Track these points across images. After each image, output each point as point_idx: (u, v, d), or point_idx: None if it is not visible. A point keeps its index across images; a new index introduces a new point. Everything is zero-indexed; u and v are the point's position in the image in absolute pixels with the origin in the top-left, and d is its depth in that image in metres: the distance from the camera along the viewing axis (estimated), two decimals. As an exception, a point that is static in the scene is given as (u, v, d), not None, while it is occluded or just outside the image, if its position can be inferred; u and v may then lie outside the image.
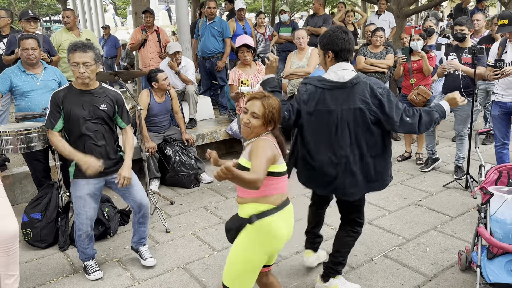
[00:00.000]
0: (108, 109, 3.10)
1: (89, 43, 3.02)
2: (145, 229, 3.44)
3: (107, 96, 3.13)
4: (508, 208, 2.65)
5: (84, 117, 3.02)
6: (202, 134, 5.67)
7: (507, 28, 3.99)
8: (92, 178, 3.07)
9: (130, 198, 3.28)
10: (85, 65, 2.95)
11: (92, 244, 3.28)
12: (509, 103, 4.19)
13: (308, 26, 7.70)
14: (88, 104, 3.04)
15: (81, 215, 3.11)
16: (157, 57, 6.67)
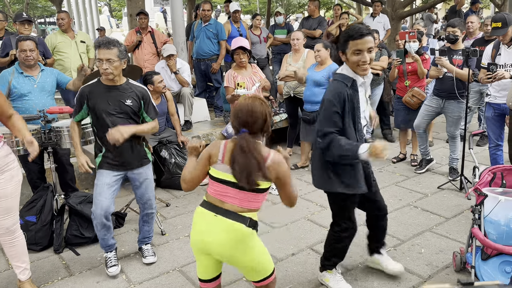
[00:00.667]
0: (133, 105, 3.18)
1: (114, 40, 3.07)
2: (149, 229, 3.54)
3: (134, 91, 3.20)
4: (501, 209, 2.67)
5: (109, 112, 3.11)
6: (198, 136, 5.67)
7: (501, 31, 4.03)
8: (115, 170, 3.21)
9: (138, 195, 3.41)
10: (108, 61, 3.01)
11: (110, 234, 3.32)
12: (502, 105, 4.22)
13: (303, 28, 7.72)
14: (113, 99, 3.12)
15: (96, 204, 3.17)
16: (152, 59, 6.67)
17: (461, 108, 4.80)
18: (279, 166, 2.13)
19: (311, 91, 5.11)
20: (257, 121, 2.14)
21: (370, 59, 2.56)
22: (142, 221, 3.51)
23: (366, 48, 2.51)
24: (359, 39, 2.51)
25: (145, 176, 3.36)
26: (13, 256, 2.98)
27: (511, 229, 2.63)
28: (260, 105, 2.16)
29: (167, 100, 5.03)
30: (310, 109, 5.17)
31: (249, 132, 2.14)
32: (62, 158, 4.27)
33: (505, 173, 2.95)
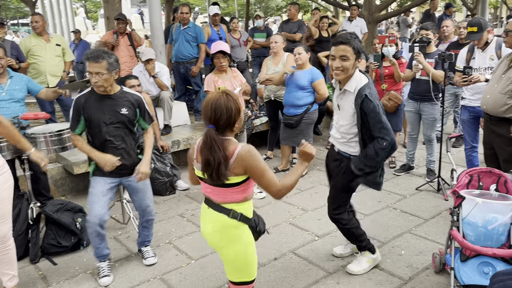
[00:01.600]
0: (129, 113, 3.17)
1: (103, 52, 3.03)
2: (149, 233, 3.57)
3: (128, 100, 3.19)
4: (479, 211, 2.73)
5: (105, 122, 3.10)
6: (178, 140, 5.61)
7: (476, 35, 4.11)
8: (109, 176, 3.18)
9: (136, 202, 3.39)
10: (97, 74, 2.99)
11: (104, 244, 3.29)
12: (477, 108, 4.31)
13: (283, 31, 7.74)
14: (109, 108, 3.11)
15: (92, 213, 3.13)
16: (129, 61, 6.59)
17: (436, 110, 4.89)
18: (247, 159, 2.12)
19: (293, 95, 5.11)
20: (222, 117, 2.11)
21: (343, 67, 2.75)
22: (141, 226, 3.53)
23: (338, 55, 2.74)
24: (334, 46, 2.77)
25: (142, 183, 3.33)
26: (5, 263, 2.95)
27: (488, 231, 2.69)
28: (226, 101, 2.12)
29: (146, 104, 4.94)
30: (292, 112, 5.16)
31: (215, 128, 2.13)
32: (35, 166, 4.14)
33: (482, 175, 3.01)
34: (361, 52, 2.78)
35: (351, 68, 2.76)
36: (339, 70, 2.75)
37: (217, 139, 2.11)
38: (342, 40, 2.71)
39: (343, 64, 2.73)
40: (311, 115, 5.19)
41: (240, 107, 2.18)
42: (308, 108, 5.12)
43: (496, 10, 25.22)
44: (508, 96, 3.40)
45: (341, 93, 2.92)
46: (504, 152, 3.54)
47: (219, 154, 2.09)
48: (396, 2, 17.20)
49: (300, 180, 5.18)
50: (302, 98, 5.07)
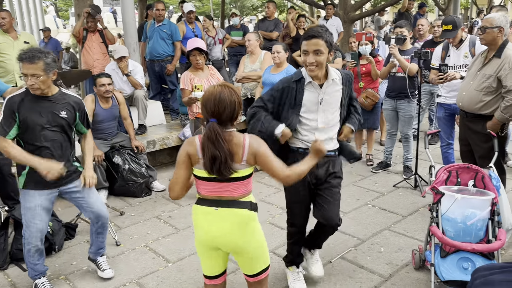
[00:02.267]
0: (68, 116, 2.95)
1: (39, 52, 2.78)
2: (104, 239, 3.32)
3: (68, 102, 2.97)
4: (458, 207, 2.74)
5: (42, 125, 2.84)
6: (153, 140, 5.48)
7: (451, 33, 4.15)
8: (44, 189, 2.92)
9: (87, 208, 3.13)
10: (34, 76, 2.74)
11: (42, 260, 3.08)
12: (453, 105, 4.36)
13: (260, 30, 7.69)
14: (46, 111, 2.87)
15: (30, 227, 2.92)
16: (101, 59, 6.42)
17: (412, 108, 4.93)
18: (258, 147, 2.14)
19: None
20: (226, 110, 2.09)
21: (317, 62, 2.60)
22: (95, 233, 3.25)
23: (311, 50, 2.59)
24: (306, 40, 2.60)
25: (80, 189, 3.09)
26: None
27: (467, 226, 2.70)
28: (229, 94, 2.10)
29: (119, 103, 4.82)
30: None
31: (218, 121, 2.10)
32: (2, 168, 3.97)
33: (460, 171, 3.03)
34: (333, 44, 2.67)
35: (324, 63, 2.64)
36: (313, 66, 2.60)
37: (222, 132, 2.07)
38: (314, 33, 2.57)
39: (317, 59, 2.59)
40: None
41: (241, 100, 2.17)
42: None
43: (466, 11, 25.88)
44: (484, 93, 3.44)
45: (326, 87, 2.73)
46: (480, 149, 3.58)
47: (225, 147, 2.06)
48: (370, 2, 17.43)
49: (279, 179, 5.14)
50: None
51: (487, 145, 3.46)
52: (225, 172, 2.08)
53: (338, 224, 2.92)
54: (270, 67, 5.16)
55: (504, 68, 3.31)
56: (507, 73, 3.29)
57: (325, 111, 2.77)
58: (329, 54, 2.65)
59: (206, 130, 2.09)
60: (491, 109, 3.45)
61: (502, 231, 2.68)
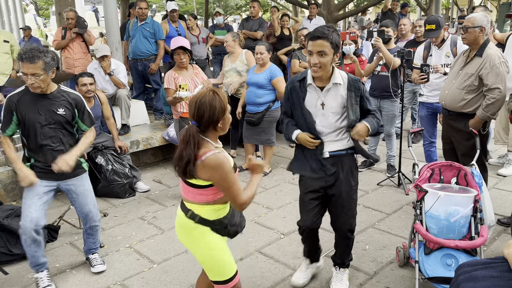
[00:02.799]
0: (66, 114, 2.97)
1: (38, 52, 2.80)
2: (94, 240, 3.37)
3: (66, 99, 2.99)
4: (441, 204, 2.77)
5: (40, 123, 2.90)
6: (137, 140, 5.42)
7: (435, 32, 4.20)
8: (45, 179, 2.99)
9: (78, 208, 3.21)
10: (34, 76, 2.78)
11: (41, 251, 3.06)
12: (435, 104, 4.42)
13: (244, 29, 7.68)
14: (44, 108, 2.91)
15: (25, 217, 2.94)
16: (82, 58, 6.33)
17: (395, 107, 4.98)
18: (212, 170, 2.08)
19: (253, 93, 5.07)
20: (205, 115, 2.09)
21: (321, 63, 2.55)
22: (86, 233, 3.34)
23: (315, 50, 2.55)
24: (311, 41, 2.57)
25: (81, 187, 3.15)
26: None
27: (451, 223, 2.73)
28: (211, 99, 2.10)
29: (102, 103, 4.75)
30: (254, 110, 5.13)
31: (198, 124, 2.11)
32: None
33: (443, 169, 3.07)
34: (339, 46, 2.60)
35: (329, 64, 2.59)
36: (317, 67, 2.56)
37: (195, 135, 2.08)
38: (319, 34, 2.52)
39: (321, 60, 2.54)
40: (273, 113, 5.16)
41: (225, 107, 2.14)
42: (269, 106, 5.10)
43: (447, 11, 26.29)
44: (466, 92, 3.49)
45: (326, 90, 2.69)
46: (463, 147, 3.63)
47: (191, 151, 2.06)
48: (353, 2, 17.56)
49: (264, 179, 5.14)
50: (263, 96, 5.05)
51: (469, 143, 3.51)
52: (182, 174, 2.12)
53: (348, 233, 2.89)
54: (254, 67, 5.18)
55: (485, 67, 3.36)
56: (488, 71, 3.35)
57: (324, 115, 2.72)
58: (334, 55, 2.60)
59: (184, 130, 2.13)
60: (473, 108, 3.50)
61: (485, 227, 2.72)
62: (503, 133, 5.03)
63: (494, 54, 3.37)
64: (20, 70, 2.82)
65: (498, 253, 3.33)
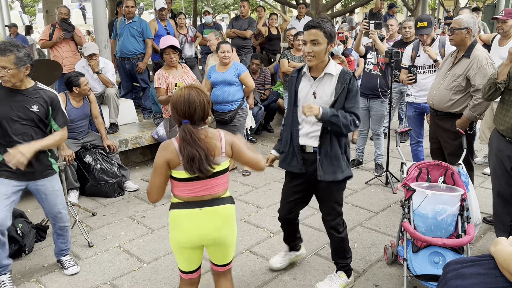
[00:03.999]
0: (40, 111, 2.91)
1: (12, 45, 2.76)
2: (65, 240, 3.32)
3: (41, 96, 2.94)
4: (429, 203, 2.81)
5: (11, 118, 2.85)
6: (126, 139, 5.39)
7: (427, 29, 4.25)
8: (15, 179, 2.93)
9: (46, 208, 3.15)
10: (4, 69, 2.75)
11: (5, 253, 2.99)
12: (422, 104, 4.48)
13: (233, 28, 7.68)
14: (17, 104, 2.86)
15: None
16: (71, 57, 6.26)
17: (384, 107, 5.04)
18: (231, 138, 2.28)
19: (224, 91, 5.02)
20: (196, 110, 2.15)
21: (314, 52, 2.62)
22: (56, 234, 3.27)
23: (309, 39, 2.63)
24: (305, 31, 2.65)
25: (51, 188, 3.09)
26: None
27: (438, 222, 2.77)
28: (197, 94, 2.17)
29: (90, 101, 4.71)
30: (226, 109, 5.09)
31: (190, 122, 2.17)
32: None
33: (430, 168, 3.11)
34: (333, 36, 2.65)
35: (323, 53, 2.63)
36: (311, 56, 2.64)
37: (195, 131, 2.14)
38: (313, 24, 2.61)
39: (314, 49, 2.61)
40: (244, 110, 5.21)
41: (209, 99, 2.23)
42: (241, 103, 5.12)
43: (434, 12, 26.58)
44: (453, 92, 3.55)
45: (318, 80, 2.73)
46: (450, 146, 3.69)
47: (202, 145, 2.12)
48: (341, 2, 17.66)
49: (254, 178, 5.15)
50: (234, 93, 5.04)
51: (456, 143, 3.57)
52: (207, 168, 2.13)
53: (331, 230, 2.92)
54: (214, 67, 5.13)
55: (473, 68, 3.42)
56: (476, 72, 3.41)
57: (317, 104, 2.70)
58: (329, 45, 2.65)
59: (180, 132, 2.14)
60: (460, 108, 3.56)
61: (471, 226, 2.77)
62: (488, 132, 5.11)
63: (481, 55, 3.43)
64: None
65: (484, 251, 3.40)
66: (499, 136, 3.10)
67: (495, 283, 1.77)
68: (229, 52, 4.98)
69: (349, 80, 2.68)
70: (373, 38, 4.71)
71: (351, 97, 2.70)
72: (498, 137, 3.12)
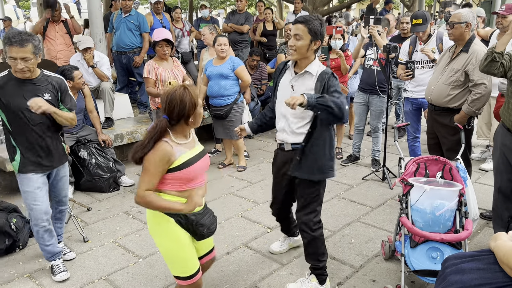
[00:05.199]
0: (52, 98, 2.92)
1: (27, 35, 2.74)
2: (62, 224, 3.38)
3: (50, 83, 2.94)
4: (427, 198, 2.79)
5: (27, 108, 2.80)
6: (121, 134, 5.34)
7: (422, 27, 4.23)
8: (39, 172, 2.98)
9: (55, 192, 3.20)
10: (24, 60, 2.72)
11: (54, 240, 3.13)
12: (420, 99, 4.46)
13: (230, 23, 7.62)
14: (30, 94, 2.83)
15: (34, 210, 2.97)
16: (66, 50, 6.19)
17: (383, 103, 5.02)
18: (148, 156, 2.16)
19: (218, 85, 4.98)
20: (175, 109, 2.15)
21: (295, 46, 2.67)
22: (54, 219, 3.30)
23: (292, 33, 2.69)
24: (293, 25, 2.73)
25: (63, 173, 3.18)
26: None
27: (436, 217, 2.76)
28: (182, 94, 2.16)
29: (85, 95, 4.67)
30: (221, 103, 5.04)
31: (169, 118, 2.18)
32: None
33: (428, 163, 3.09)
34: (318, 34, 2.66)
35: (304, 49, 2.65)
36: (292, 49, 2.69)
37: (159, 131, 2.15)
38: (300, 19, 2.67)
39: (296, 44, 2.65)
40: (240, 105, 5.14)
41: (196, 102, 2.19)
42: (236, 98, 5.06)
43: (430, 8, 26.58)
44: (452, 87, 3.53)
45: (299, 76, 2.75)
46: (448, 141, 3.67)
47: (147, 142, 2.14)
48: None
49: (250, 173, 5.13)
50: (229, 87, 4.98)
51: (454, 138, 3.55)
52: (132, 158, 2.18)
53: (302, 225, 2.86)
54: (211, 61, 5.10)
55: (471, 63, 3.40)
56: (474, 67, 3.39)
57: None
58: (312, 42, 2.65)
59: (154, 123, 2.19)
60: (458, 103, 3.54)
61: (469, 221, 2.76)
62: (485, 128, 5.12)
63: (480, 50, 3.41)
64: (8, 55, 2.73)
65: (482, 246, 3.39)
66: (505, 131, 3.07)
67: (495, 278, 1.75)
68: (226, 45, 4.93)
69: (328, 78, 2.67)
70: (373, 34, 4.69)
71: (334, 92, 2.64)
72: (504, 131, 3.09)
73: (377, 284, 3.00)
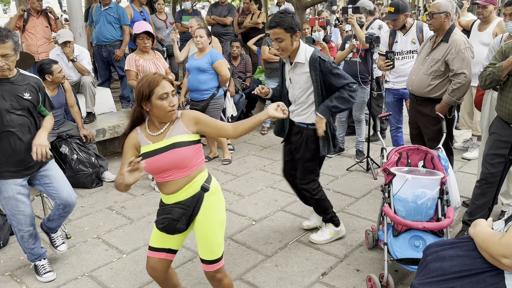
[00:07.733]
0: (32, 98, 2.80)
1: (7, 31, 2.61)
2: (64, 219, 3.21)
3: (29, 83, 2.81)
4: (409, 187, 2.81)
5: (7, 109, 2.69)
6: (103, 129, 5.27)
7: (393, 15, 4.24)
8: (17, 178, 2.82)
9: (55, 195, 2.98)
10: (5, 57, 2.59)
11: (38, 243, 3.05)
12: (401, 90, 4.48)
13: (213, 15, 7.55)
14: (9, 94, 2.70)
15: (17, 215, 2.86)
16: (46, 44, 6.05)
17: (365, 94, 5.03)
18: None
19: (196, 79, 4.89)
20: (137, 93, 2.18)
21: (281, 48, 2.92)
22: (58, 215, 3.09)
23: (274, 38, 2.91)
24: (268, 31, 2.94)
25: (53, 170, 2.99)
26: None
27: (418, 206, 2.78)
28: (139, 81, 2.20)
29: (65, 90, 4.58)
30: (198, 98, 4.94)
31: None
32: None
33: (410, 153, 3.11)
34: (294, 27, 2.87)
35: (290, 46, 2.90)
36: (280, 51, 2.94)
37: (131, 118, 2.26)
38: (273, 24, 2.85)
39: (280, 45, 2.90)
40: (218, 100, 5.02)
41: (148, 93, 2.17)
42: (213, 94, 4.95)
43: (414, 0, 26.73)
44: (432, 77, 3.55)
45: (293, 67, 3.04)
46: (429, 131, 3.70)
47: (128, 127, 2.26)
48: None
49: (235, 166, 5.11)
50: (206, 82, 4.86)
51: (436, 128, 3.58)
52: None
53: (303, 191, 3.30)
54: (194, 54, 5.03)
55: (451, 52, 3.42)
56: (454, 57, 3.41)
57: (293, 88, 3.12)
58: (292, 37, 2.89)
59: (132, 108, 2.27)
60: (439, 93, 3.57)
61: (451, 209, 2.79)
62: (467, 117, 5.17)
63: (459, 39, 3.43)
64: None
65: (463, 234, 3.43)
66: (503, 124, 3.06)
67: (474, 264, 1.77)
68: (202, 37, 4.80)
69: (319, 64, 2.94)
70: (352, 23, 4.68)
71: (334, 75, 2.95)
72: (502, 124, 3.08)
73: (361, 273, 3.02)
